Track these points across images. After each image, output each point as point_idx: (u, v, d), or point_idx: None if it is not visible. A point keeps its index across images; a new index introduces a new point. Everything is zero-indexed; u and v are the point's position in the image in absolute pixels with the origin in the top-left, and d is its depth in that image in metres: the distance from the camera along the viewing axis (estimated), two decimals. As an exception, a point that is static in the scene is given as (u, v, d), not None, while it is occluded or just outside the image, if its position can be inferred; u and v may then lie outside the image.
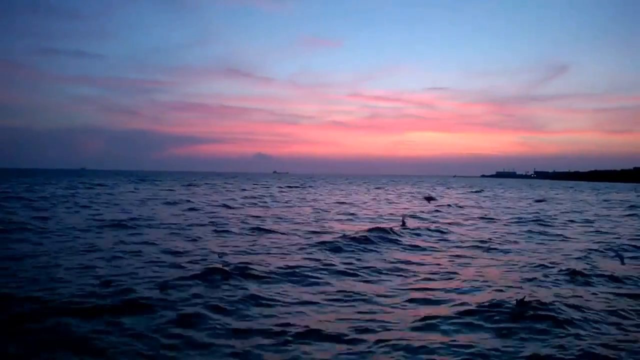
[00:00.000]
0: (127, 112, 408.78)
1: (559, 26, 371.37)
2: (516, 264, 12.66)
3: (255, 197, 42.29)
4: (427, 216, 26.27)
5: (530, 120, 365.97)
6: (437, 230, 19.49)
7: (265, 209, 29.98)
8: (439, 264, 12.63)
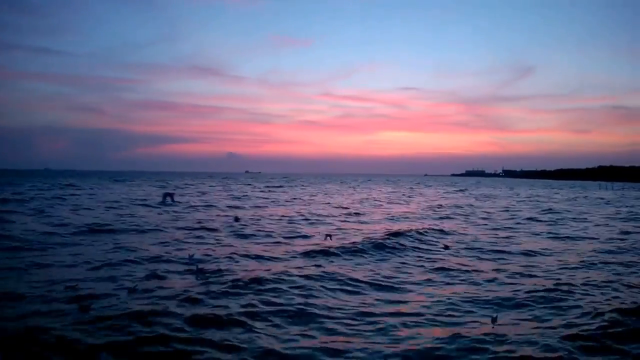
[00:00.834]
0: (91, 110, 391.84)
1: (526, 28, 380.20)
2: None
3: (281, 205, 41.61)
4: (438, 223, 26.46)
5: (499, 120, 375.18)
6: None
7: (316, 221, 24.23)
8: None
